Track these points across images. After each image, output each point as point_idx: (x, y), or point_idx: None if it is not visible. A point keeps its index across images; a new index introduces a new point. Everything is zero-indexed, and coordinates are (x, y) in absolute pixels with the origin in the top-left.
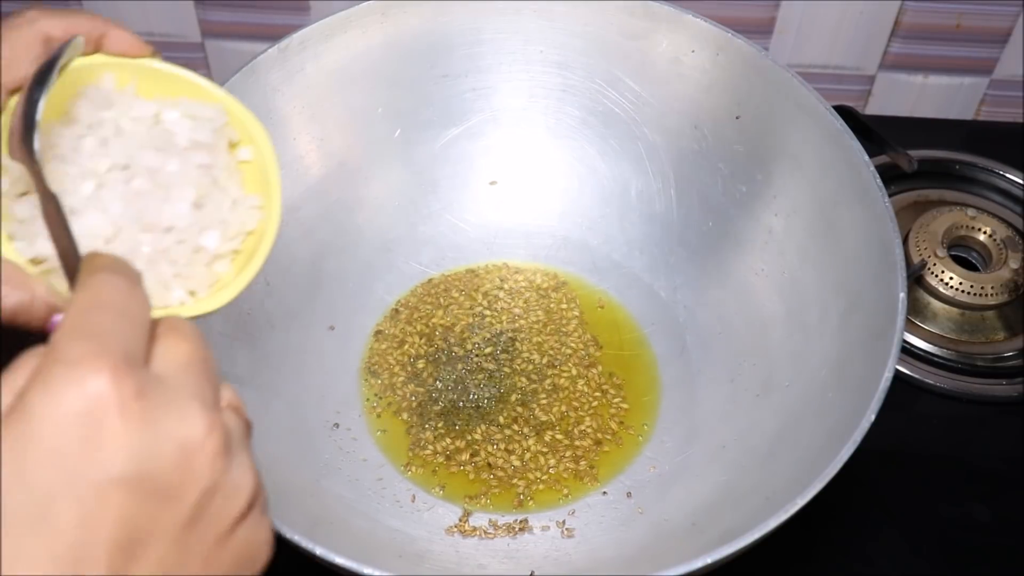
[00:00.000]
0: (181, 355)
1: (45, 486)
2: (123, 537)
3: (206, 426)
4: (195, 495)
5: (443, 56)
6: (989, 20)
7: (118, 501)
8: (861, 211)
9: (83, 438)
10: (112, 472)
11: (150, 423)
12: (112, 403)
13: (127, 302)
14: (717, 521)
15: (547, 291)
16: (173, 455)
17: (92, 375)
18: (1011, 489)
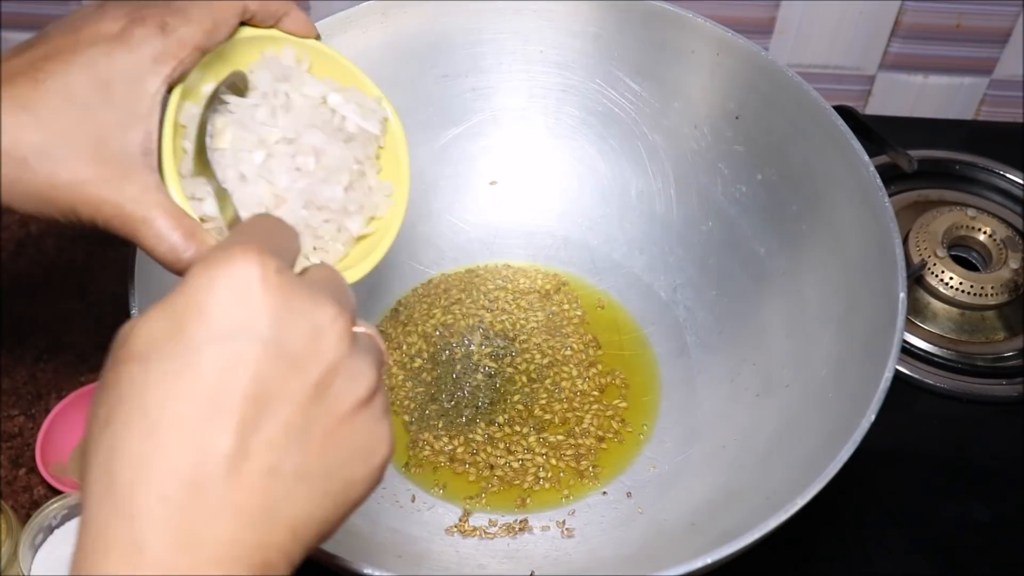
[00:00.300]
0: (324, 273)
1: (193, 337)
2: (255, 392)
3: (335, 313)
4: (320, 369)
5: (443, 56)
6: (989, 20)
7: (254, 358)
8: (861, 211)
9: (229, 301)
10: (251, 331)
11: (287, 299)
12: (256, 276)
13: (278, 226)
14: (717, 521)
15: (548, 292)
16: (304, 329)
17: (242, 255)
18: (1011, 489)
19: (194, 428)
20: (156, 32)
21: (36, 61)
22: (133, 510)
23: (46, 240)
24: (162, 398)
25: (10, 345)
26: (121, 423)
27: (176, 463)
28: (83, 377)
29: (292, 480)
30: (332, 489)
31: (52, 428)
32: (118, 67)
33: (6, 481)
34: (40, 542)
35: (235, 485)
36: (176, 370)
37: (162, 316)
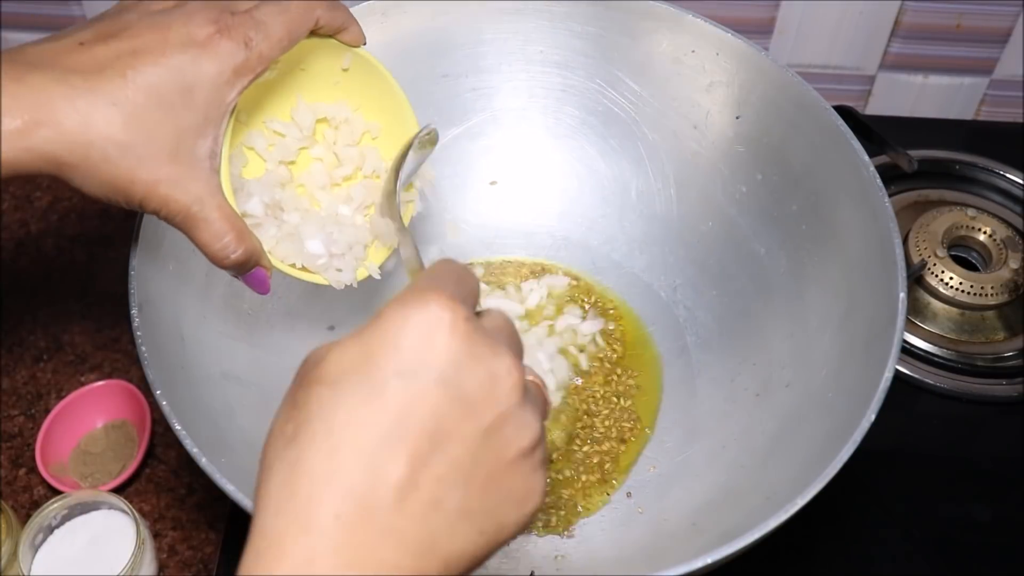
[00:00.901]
0: (501, 322)
1: (383, 370)
2: (431, 427)
3: (511, 365)
4: (492, 415)
5: (443, 56)
6: (989, 20)
7: (435, 396)
8: (861, 211)
9: (419, 341)
10: (435, 371)
11: (471, 345)
12: (446, 322)
13: (464, 274)
14: (717, 521)
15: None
16: (482, 376)
17: (435, 300)
18: (1011, 489)
19: (373, 454)
20: (240, 46)
21: (124, 56)
22: (309, 524)
23: (46, 241)
24: (347, 422)
25: (10, 345)
26: (307, 441)
27: (352, 484)
28: (83, 377)
29: (454, 516)
30: (487, 529)
31: (52, 428)
32: (203, 75)
33: (6, 481)
34: (40, 542)
35: (402, 513)
36: (363, 397)
37: (356, 346)
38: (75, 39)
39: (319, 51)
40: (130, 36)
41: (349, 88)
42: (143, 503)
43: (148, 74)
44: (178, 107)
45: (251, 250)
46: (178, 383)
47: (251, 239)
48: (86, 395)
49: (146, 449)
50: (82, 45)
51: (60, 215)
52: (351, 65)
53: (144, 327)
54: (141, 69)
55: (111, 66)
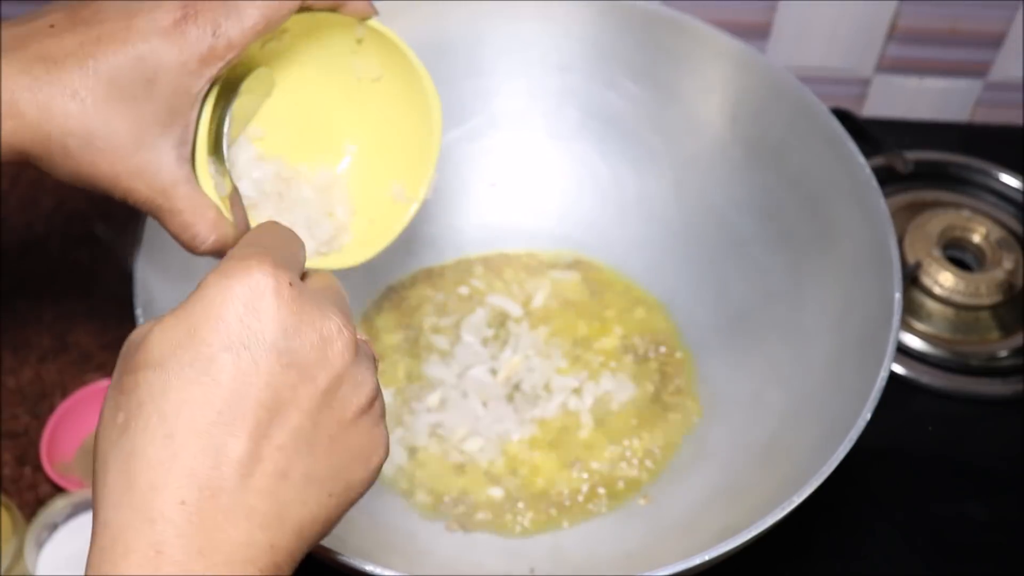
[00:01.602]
0: (326, 281)
1: (211, 346)
2: (268, 398)
3: (340, 324)
4: (328, 377)
5: (443, 58)
6: (984, 23)
7: (267, 366)
8: (857, 212)
9: (245, 312)
10: (264, 340)
11: (298, 310)
12: (270, 288)
13: (287, 235)
14: (714, 519)
15: None
16: (313, 339)
17: (257, 267)
18: (1006, 487)
19: (210, 433)
20: (207, 33)
21: (88, 44)
22: (153, 514)
23: (51, 241)
24: (179, 404)
25: (15, 345)
26: (140, 428)
27: (193, 468)
28: (88, 376)
29: (301, 483)
30: (335, 490)
31: (57, 427)
32: (166, 65)
33: (11, 479)
34: (45, 540)
35: (248, 489)
36: (193, 377)
37: (179, 324)
38: (47, 20)
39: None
40: (98, 21)
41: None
42: None
43: (109, 64)
44: (140, 98)
45: (223, 240)
46: None
47: (224, 228)
48: (91, 394)
49: None
50: (52, 28)
51: (65, 217)
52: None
53: None
54: (102, 59)
55: (74, 55)
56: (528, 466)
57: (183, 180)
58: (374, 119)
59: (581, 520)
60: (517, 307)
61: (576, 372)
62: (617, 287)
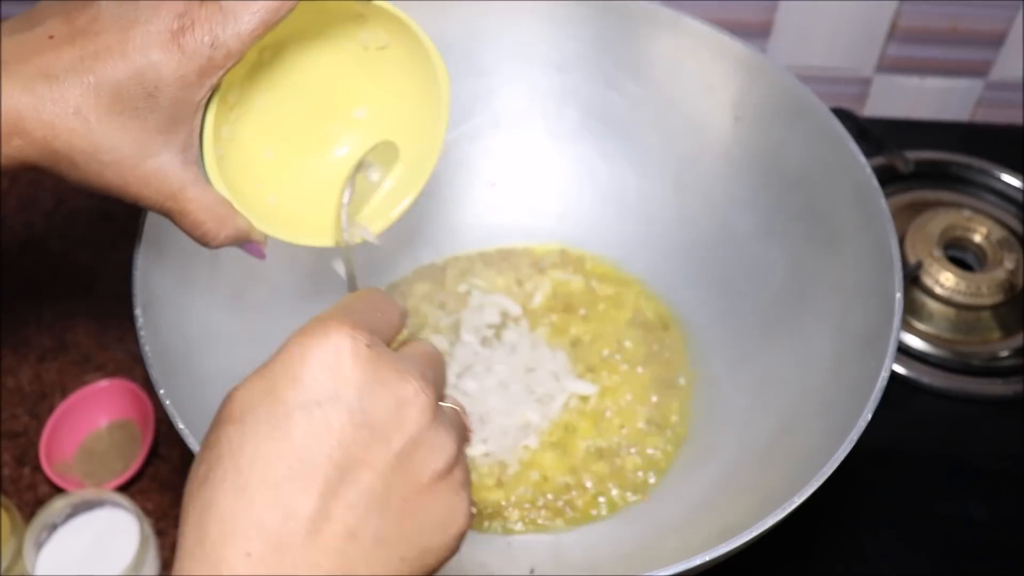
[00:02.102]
0: (416, 348)
1: (286, 403)
2: (340, 457)
3: (418, 388)
4: (402, 439)
5: (443, 57)
6: (984, 23)
7: (340, 425)
8: (858, 212)
9: (321, 371)
10: (338, 399)
11: (374, 370)
12: (347, 349)
13: (383, 303)
14: (715, 519)
15: None
16: (388, 401)
17: (336, 328)
18: (1007, 487)
19: (281, 489)
20: (205, 45)
21: (87, 59)
22: (220, 565)
23: (50, 241)
24: (253, 458)
25: (15, 345)
26: (218, 481)
27: (262, 521)
28: (87, 376)
29: (370, 544)
30: (408, 556)
31: (56, 427)
32: (166, 79)
33: (11, 479)
34: (44, 540)
35: (315, 546)
36: (268, 432)
37: (260, 381)
38: (45, 29)
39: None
40: (95, 33)
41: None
42: (147, 501)
43: (109, 80)
44: (142, 111)
45: (235, 233)
46: (181, 382)
47: (235, 221)
48: (90, 394)
49: (150, 448)
50: (51, 39)
51: (65, 216)
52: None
53: (148, 327)
54: (102, 74)
55: (74, 70)
56: (528, 466)
57: (191, 182)
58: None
59: (581, 520)
60: (517, 307)
61: (576, 372)
62: (617, 287)
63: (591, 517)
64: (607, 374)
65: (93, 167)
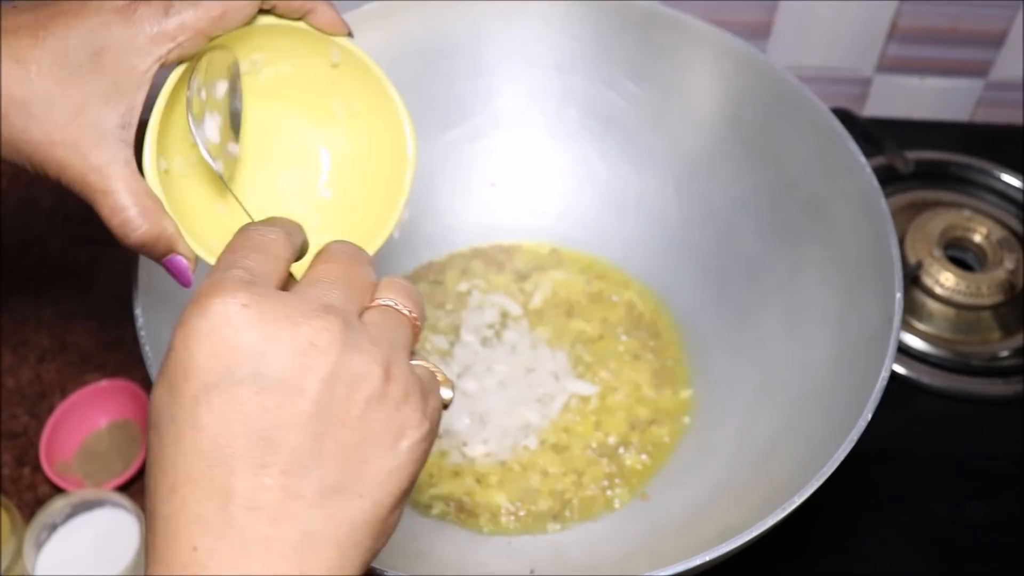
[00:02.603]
0: (313, 273)
1: (184, 395)
2: (254, 428)
3: (316, 326)
4: (314, 385)
5: (443, 58)
6: (984, 23)
7: (245, 398)
8: (858, 212)
9: (208, 353)
10: (234, 375)
11: (262, 328)
12: (228, 320)
13: (259, 240)
14: (715, 519)
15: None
16: (285, 353)
17: (207, 299)
18: (1006, 487)
19: (208, 478)
20: (159, 12)
21: (42, 18)
22: (173, 566)
23: (50, 241)
24: (174, 457)
25: (15, 345)
26: (153, 488)
27: (199, 514)
28: (87, 376)
29: (318, 498)
30: (365, 490)
31: (56, 427)
32: (113, 40)
33: (11, 479)
34: (44, 540)
35: (260, 520)
36: (179, 429)
37: (160, 384)
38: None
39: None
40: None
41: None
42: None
43: (58, 35)
44: (85, 70)
45: (158, 232)
46: None
47: (161, 220)
48: (90, 394)
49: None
50: (14, 8)
51: (64, 216)
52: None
53: (148, 327)
54: (52, 30)
55: (27, 26)
56: (528, 466)
57: (120, 161)
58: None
59: (581, 520)
60: (517, 306)
61: (576, 372)
62: (617, 287)
63: (591, 517)
64: (607, 374)
65: (20, 121)
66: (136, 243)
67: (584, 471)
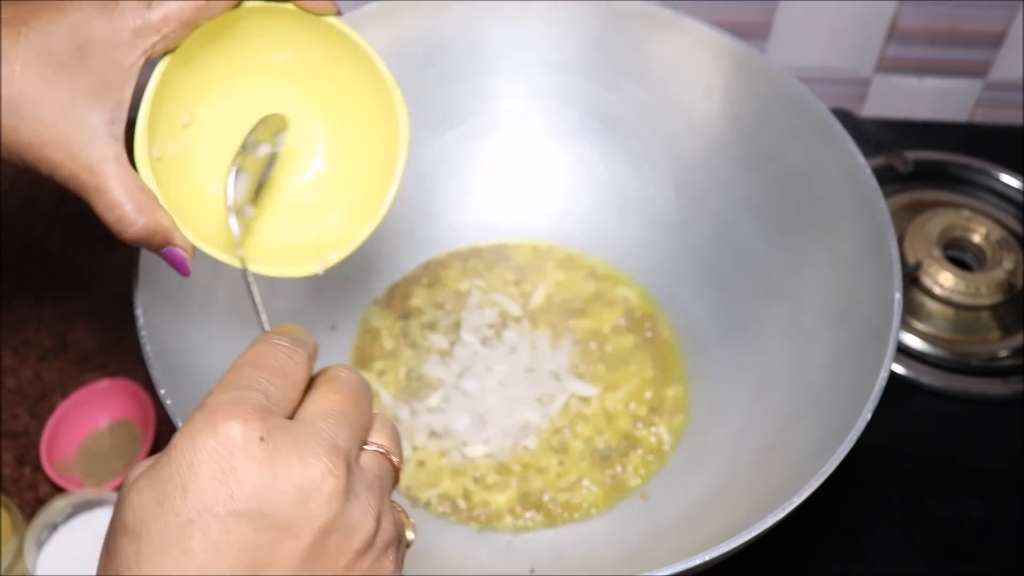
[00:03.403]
0: (325, 404)
1: (179, 516)
2: (246, 564)
3: (324, 470)
4: (311, 532)
5: (443, 58)
6: (984, 23)
7: (241, 532)
8: (858, 212)
9: (213, 476)
10: (235, 506)
11: (272, 465)
12: (238, 445)
13: (284, 362)
14: (714, 518)
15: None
16: (291, 494)
17: (224, 420)
18: (1005, 487)
19: None
20: (141, 5)
21: (23, 12)
22: None
23: (51, 241)
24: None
25: (15, 345)
26: None
27: None
28: (87, 376)
29: None
30: None
31: (57, 426)
32: (97, 35)
33: (11, 479)
34: (45, 539)
35: None
36: (164, 550)
37: (150, 489)
38: None
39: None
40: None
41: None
42: None
43: (40, 31)
44: (71, 67)
45: (154, 226)
46: (182, 382)
47: (157, 214)
48: (91, 394)
49: (150, 448)
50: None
51: (65, 216)
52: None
53: (148, 326)
54: (35, 26)
55: (9, 22)
56: (528, 466)
57: (112, 158)
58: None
59: (581, 520)
60: (517, 306)
61: (576, 372)
62: (617, 286)
63: (591, 517)
64: (607, 374)
65: (9, 121)
66: (132, 238)
67: (584, 471)
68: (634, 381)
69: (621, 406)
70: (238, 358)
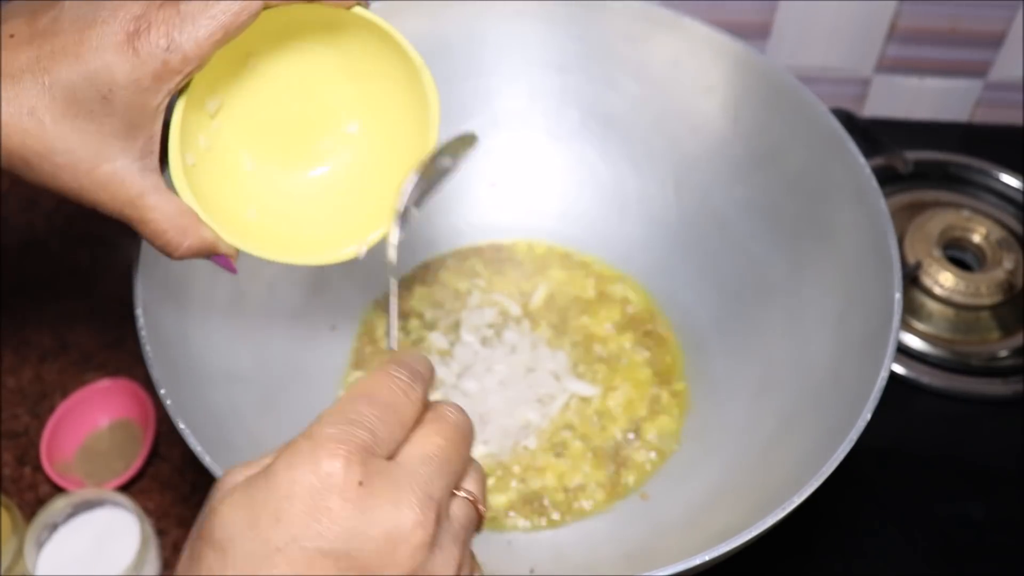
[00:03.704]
0: (428, 448)
1: (268, 543)
2: None
3: (415, 520)
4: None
5: (443, 58)
6: (984, 23)
7: (325, 569)
8: (858, 212)
9: (307, 511)
10: (323, 544)
11: (365, 509)
12: (337, 485)
13: (396, 399)
14: (715, 518)
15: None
16: (379, 541)
17: (327, 458)
18: (1006, 487)
19: None
20: (160, 47)
21: (43, 59)
22: None
23: (51, 241)
24: None
25: (16, 345)
26: None
27: None
28: (88, 376)
29: None
30: None
31: (57, 426)
32: (120, 83)
33: (12, 479)
34: (45, 539)
35: None
36: (250, 565)
37: (243, 507)
38: (8, 29)
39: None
40: (53, 34)
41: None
42: (147, 501)
43: (63, 81)
44: (98, 114)
45: (200, 243)
46: (182, 382)
47: (199, 232)
48: (91, 394)
49: (150, 447)
50: (11, 39)
51: (66, 216)
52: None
53: (148, 327)
54: (56, 75)
55: (30, 71)
56: (528, 466)
57: (150, 190)
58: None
59: (581, 520)
60: (517, 306)
61: (576, 371)
62: (616, 286)
63: (591, 517)
64: (607, 374)
65: (47, 169)
66: (180, 257)
67: (584, 471)
68: (634, 381)
69: (621, 406)
70: (355, 385)
